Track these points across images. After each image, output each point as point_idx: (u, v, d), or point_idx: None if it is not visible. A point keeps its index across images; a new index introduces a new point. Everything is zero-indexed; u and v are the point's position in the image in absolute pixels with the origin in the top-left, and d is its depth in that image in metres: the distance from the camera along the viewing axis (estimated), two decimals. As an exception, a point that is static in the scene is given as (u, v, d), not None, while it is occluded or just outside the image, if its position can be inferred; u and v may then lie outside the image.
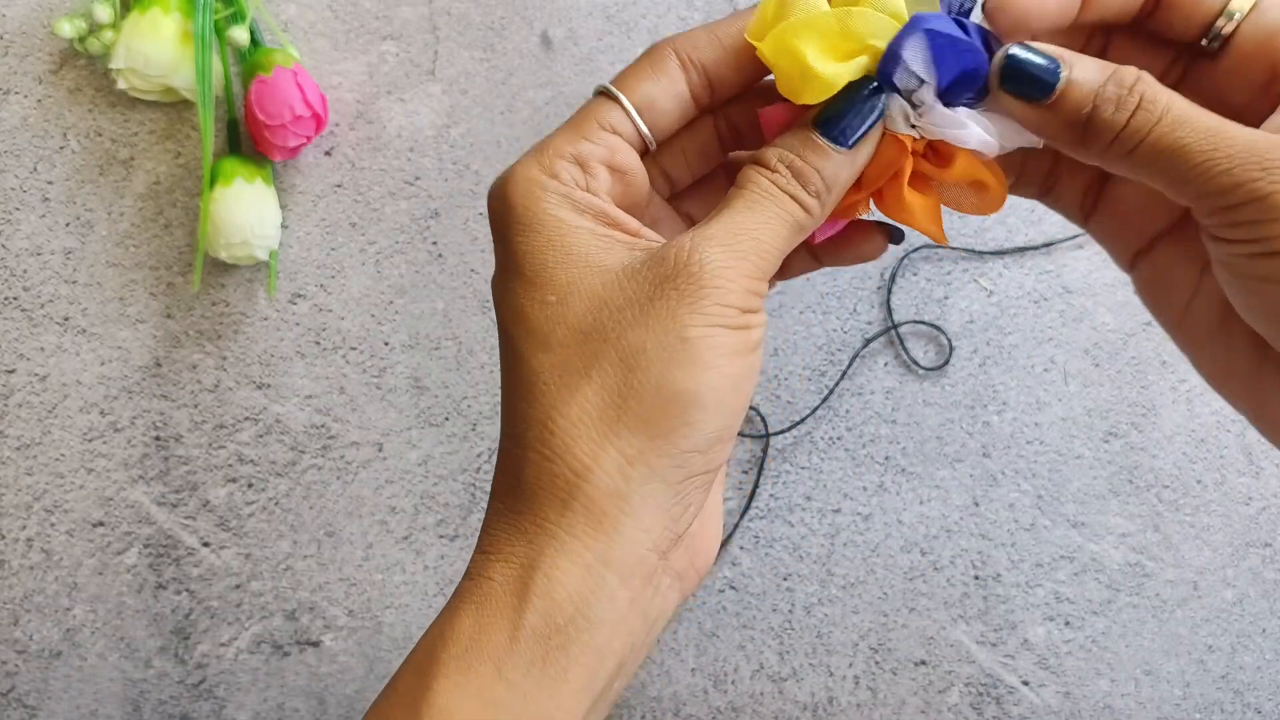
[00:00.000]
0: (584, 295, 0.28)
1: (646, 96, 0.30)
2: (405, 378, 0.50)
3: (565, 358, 0.27)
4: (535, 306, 0.28)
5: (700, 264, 0.27)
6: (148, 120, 0.50)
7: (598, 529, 0.27)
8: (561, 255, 0.28)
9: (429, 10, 0.50)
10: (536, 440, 0.27)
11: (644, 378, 0.27)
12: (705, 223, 0.28)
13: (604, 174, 0.29)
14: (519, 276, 0.28)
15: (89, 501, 0.50)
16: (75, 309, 0.50)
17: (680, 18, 0.50)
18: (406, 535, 0.50)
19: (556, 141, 0.29)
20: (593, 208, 0.29)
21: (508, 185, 0.29)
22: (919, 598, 0.49)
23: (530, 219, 0.28)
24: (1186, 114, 0.27)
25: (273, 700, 0.49)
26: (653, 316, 0.27)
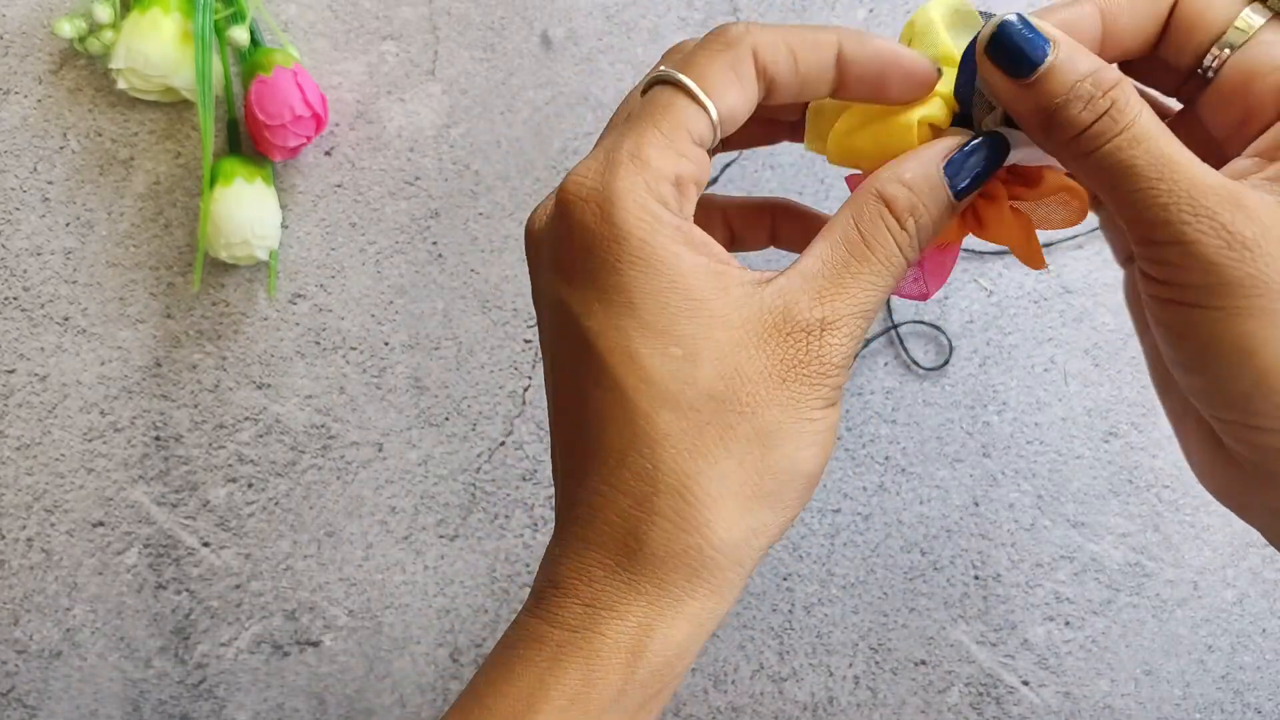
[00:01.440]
0: (714, 357, 0.27)
1: (730, 107, 0.28)
2: (405, 378, 0.50)
3: (697, 423, 0.27)
4: (658, 358, 0.26)
5: (832, 349, 0.27)
6: (148, 120, 0.50)
7: (718, 593, 0.27)
8: (683, 300, 0.27)
9: (429, 10, 0.50)
10: (669, 508, 0.26)
11: (779, 457, 0.27)
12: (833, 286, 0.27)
13: (695, 194, 0.28)
14: (634, 318, 0.27)
15: (89, 501, 0.50)
16: (75, 309, 0.50)
17: (680, 18, 0.50)
18: (406, 535, 0.50)
19: (653, 153, 0.27)
20: (704, 246, 0.27)
21: (613, 206, 0.27)
22: (919, 598, 0.49)
23: (647, 254, 0.27)
24: (1148, 133, 0.26)
25: (273, 700, 0.50)
26: (789, 396, 0.27)
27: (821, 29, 0.29)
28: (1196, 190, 0.25)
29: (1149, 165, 0.26)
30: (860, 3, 0.50)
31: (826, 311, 0.27)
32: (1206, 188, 0.25)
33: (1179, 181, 0.26)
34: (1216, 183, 0.25)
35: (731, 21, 0.29)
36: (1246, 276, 0.25)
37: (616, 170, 0.27)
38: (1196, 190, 0.25)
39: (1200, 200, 0.25)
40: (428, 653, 0.50)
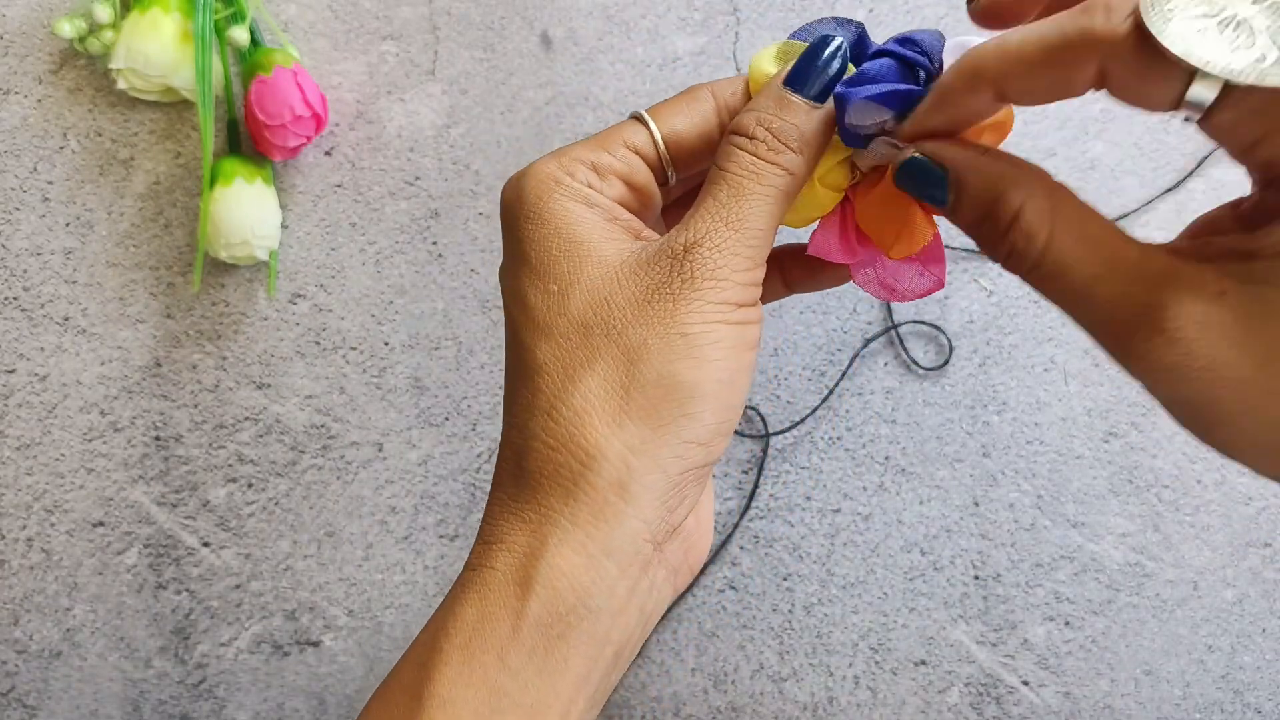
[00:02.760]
0: (585, 288, 0.28)
1: (674, 128, 0.31)
2: (405, 378, 0.50)
3: (568, 349, 0.28)
4: (538, 295, 0.29)
5: (696, 263, 0.28)
6: (148, 120, 0.50)
7: (600, 518, 0.27)
8: (565, 243, 0.29)
9: (429, 10, 0.50)
10: (540, 429, 0.28)
11: (646, 370, 0.28)
12: (696, 213, 0.29)
13: (618, 185, 0.30)
14: (524, 263, 0.29)
15: (89, 501, 0.50)
16: (75, 309, 0.50)
17: (680, 18, 0.50)
18: (406, 535, 0.50)
19: (578, 148, 0.30)
20: (600, 205, 0.30)
21: (522, 179, 0.30)
22: (919, 598, 0.49)
23: (540, 209, 0.29)
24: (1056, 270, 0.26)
25: (273, 700, 0.50)
26: (653, 314, 0.28)
27: None
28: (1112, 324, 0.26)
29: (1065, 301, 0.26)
30: (860, 3, 0.50)
31: (689, 234, 0.28)
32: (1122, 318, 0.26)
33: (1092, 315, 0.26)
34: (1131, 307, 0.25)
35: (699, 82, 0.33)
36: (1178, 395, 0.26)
37: (540, 160, 0.30)
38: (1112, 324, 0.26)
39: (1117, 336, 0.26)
40: (428, 653, 0.50)
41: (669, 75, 0.50)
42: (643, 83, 0.50)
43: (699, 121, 0.31)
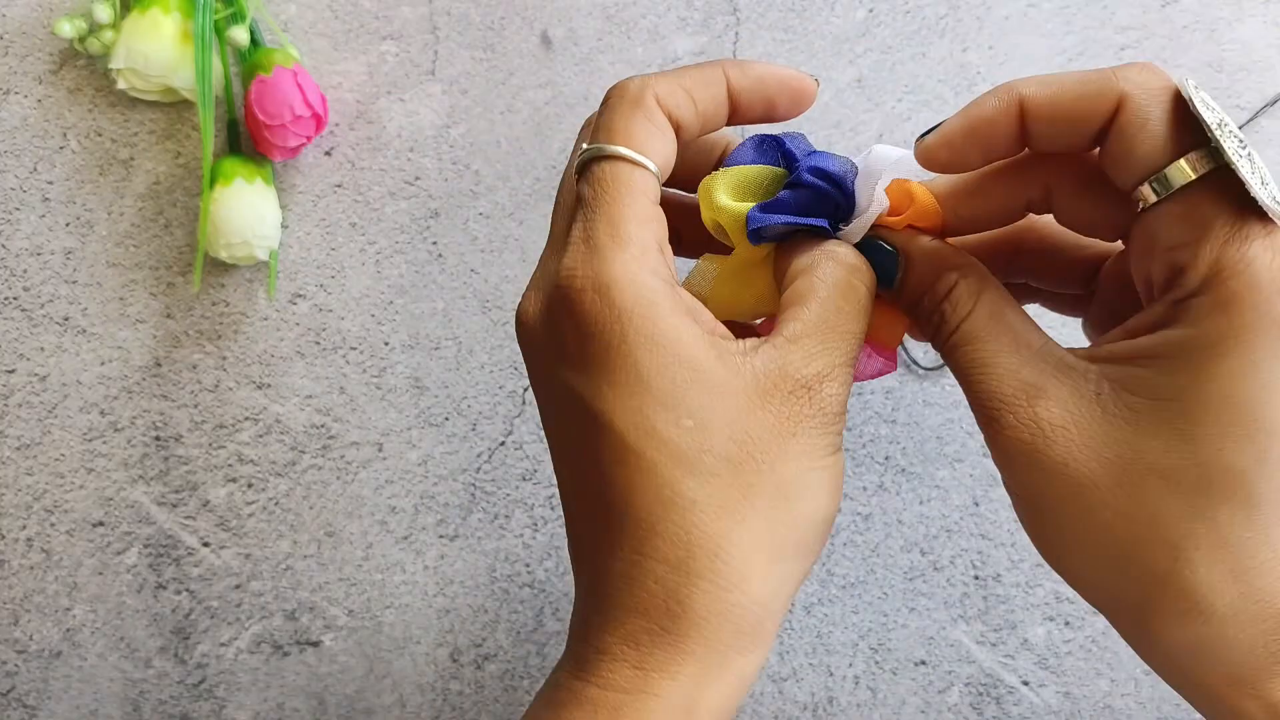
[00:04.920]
0: (724, 423, 0.28)
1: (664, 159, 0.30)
2: (405, 378, 0.50)
3: (720, 487, 0.27)
4: (674, 429, 0.27)
5: (828, 400, 0.28)
6: (148, 120, 0.50)
7: (761, 646, 0.28)
8: (689, 373, 0.28)
9: (429, 10, 0.50)
10: (707, 569, 0.27)
11: (801, 507, 0.28)
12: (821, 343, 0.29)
13: (670, 255, 0.30)
14: (647, 394, 0.27)
15: (89, 501, 0.50)
16: (75, 309, 0.50)
17: (680, 18, 0.50)
18: (406, 535, 0.50)
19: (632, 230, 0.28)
20: (695, 311, 0.29)
21: (615, 289, 0.28)
22: (919, 598, 0.49)
23: (650, 330, 0.28)
24: (967, 336, 0.29)
25: (273, 700, 0.50)
26: (800, 449, 0.28)
27: (708, 66, 0.31)
28: (992, 394, 0.28)
29: (965, 368, 0.29)
30: (860, 3, 0.50)
31: (820, 366, 0.28)
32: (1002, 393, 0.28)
33: (981, 384, 0.29)
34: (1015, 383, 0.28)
35: (626, 78, 0.31)
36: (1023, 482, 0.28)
37: (604, 254, 0.28)
38: (992, 394, 0.28)
39: (993, 405, 0.28)
40: (428, 653, 0.50)
41: (669, 75, 0.50)
42: (643, 83, 0.50)
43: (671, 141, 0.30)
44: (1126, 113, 0.27)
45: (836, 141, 0.50)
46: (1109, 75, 0.28)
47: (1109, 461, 0.27)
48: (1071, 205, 0.31)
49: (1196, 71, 0.50)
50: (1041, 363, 0.28)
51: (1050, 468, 0.27)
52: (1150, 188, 0.27)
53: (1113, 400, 0.27)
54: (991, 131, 0.29)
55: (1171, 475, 0.27)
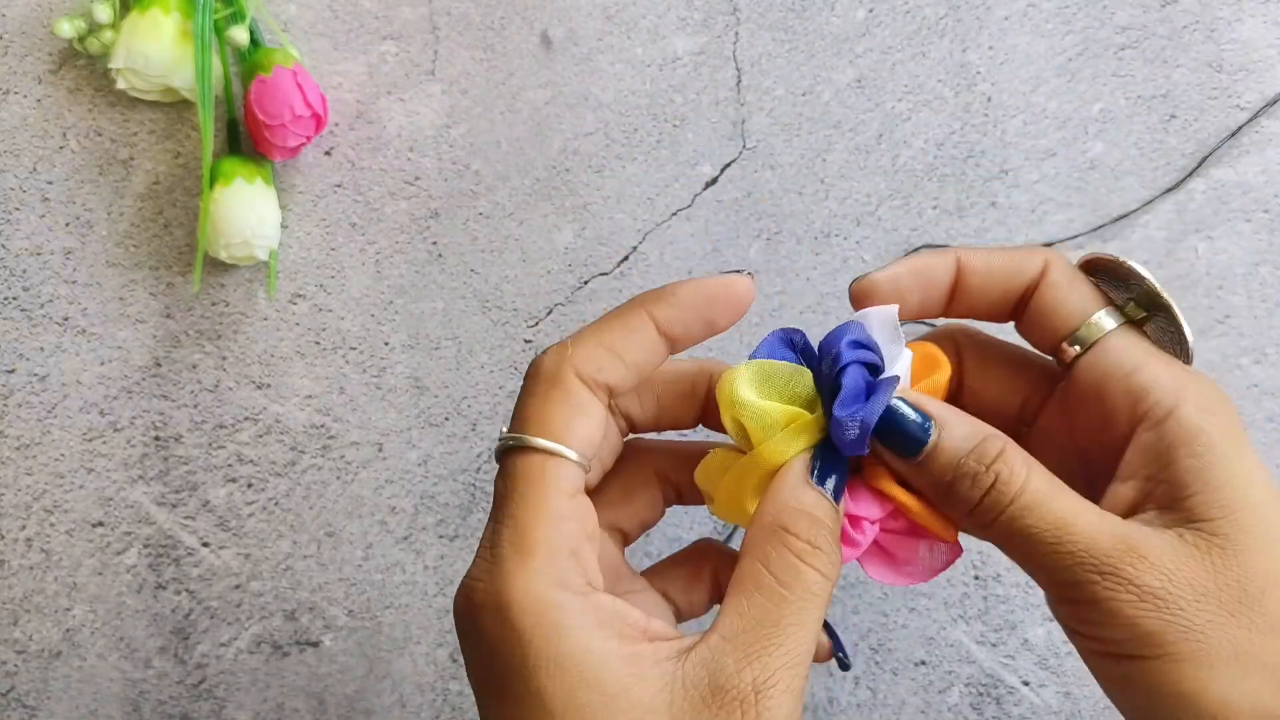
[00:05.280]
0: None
1: (587, 439, 0.28)
2: (405, 378, 0.50)
3: None
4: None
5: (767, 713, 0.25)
6: (147, 120, 0.50)
7: None
8: (600, 698, 0.25)
9: (429, 10, 0.50)
10: None
11: None
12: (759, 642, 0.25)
13: (590, 554, 0.27)
14: None
15: (89, 501, 0.50)
16: (75, 309, 0.50)
17: (680, 18, 0.50)
18: (406, 535, 0.50)
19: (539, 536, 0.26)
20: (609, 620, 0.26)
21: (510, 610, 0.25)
22: (919, 598, 0.49)
23: (552, 653, 0.25)
24: (1038, 499, 0.27)
25: (272, 700, 0.50)
26: None
27: (629, 310, 0.29)
28: (1096, 549, 0.26)
29: (1045, 531, 0.26)
30: (860, 3, 0.50)
31: (757, 672, 0.25)
32: (1105, 545, 0.26)
33: (1078, 542, 0.26)
34: (1113, 536, 0.26)
35: (542, 352, 0.29)
36: (1165, 626, 0.25)
37: (505, 567, 0.26)
38: (1096, 549, 0.26)
39: (1102, 559, 0.26)
40: (428, 653, 0.50)
41: (669, 75, 0.50)
42: (643, 83, 0.50)
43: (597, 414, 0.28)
44: (1052, 275, 0.30)
45: (837, 142, 0.50)
46: (1031, 249, 0.31)
47: (1233, 587, 0.26)
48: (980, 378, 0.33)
49: (1197, 71, 0.50)
50: (1113, 520, 0.27)
51: (1185, 609, 0.25)
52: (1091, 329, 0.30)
53: (1195, 536, 0.26)
54: (931, 278, 0.30)
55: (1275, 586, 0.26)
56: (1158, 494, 0.27)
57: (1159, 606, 0.26)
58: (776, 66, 0.50)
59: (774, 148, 0.50)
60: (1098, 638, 0.27)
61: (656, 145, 0.50)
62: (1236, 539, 0.26)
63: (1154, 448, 0.28)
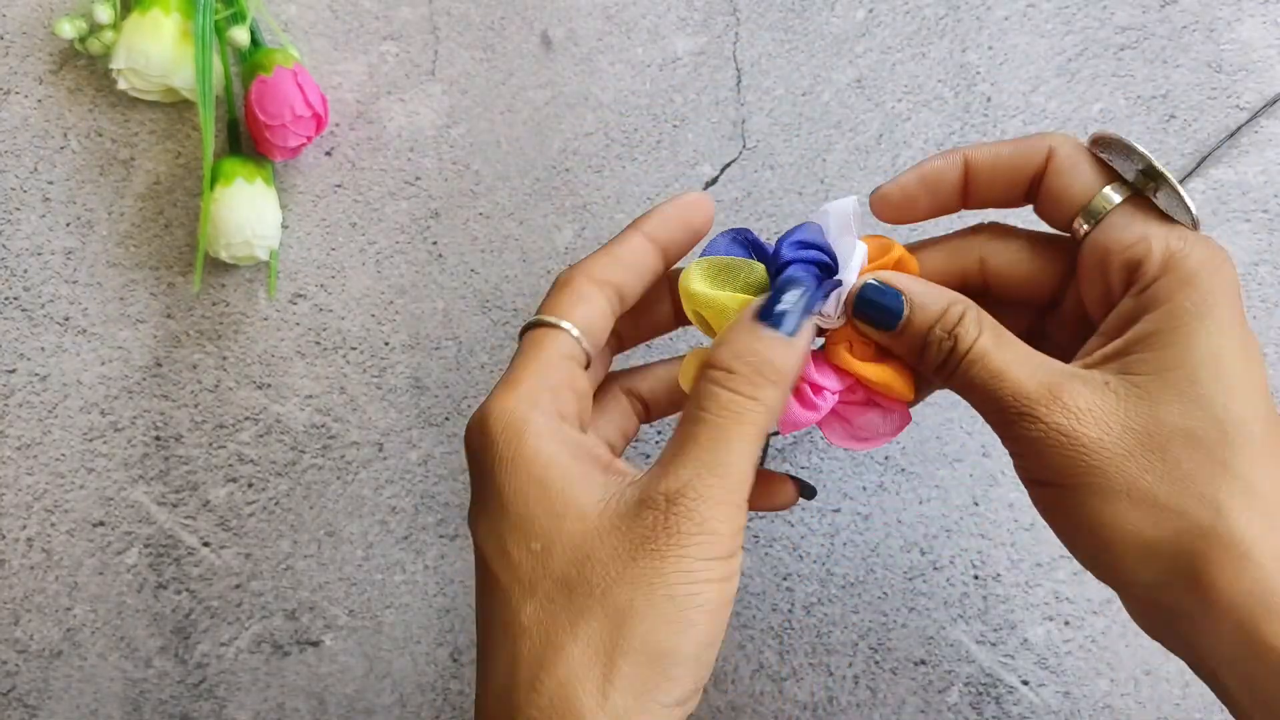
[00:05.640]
0: (566, 544, 0.28)
1: (585, 320, 0.32)
2: (405, 377, 0.50)
3: (551, 612, 0.27)
4: (522, 552, 0.28)
5: (681, 516, 0.27)
6: (148, 120, 0.50)
7: None
8: (542, 493, 0.28)
9: (429, 10, 0.50)
10: (524, 701, 0.27)
11: (632, 637, 0.27)
12: (675, 458, 0.28)
13: (571, 400, 0.31)
14: (503, 516, 0.29)
15: (89, 501, 0.50)
16: (76, 309, 0.50)
17: (680, 18, 0.50)
18: (407, 535, 0.50)
19: (525, 378, 0.30)
20: (571, 441, 0.30)
21: (487, 419, 0.30)
22: (918, 597, 0.49)
23: (513, 454, 0.29)
24: (981, 353, 0.31)
25: (273, 700, 0.50)
26: (639, 573, 0.27)
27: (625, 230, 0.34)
28: (1021, 393, 0.30)
29: (986, 379, 0.31)
30: (860, 3, 0.51)
31: (670, 482, 0.28)
32: (1029, 389, 0.30)
33: (1006, 387, 0.31)
34: (1039, 383, 0.30)
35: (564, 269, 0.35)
36: (1069, 461, 0.30)
37: (493, 396, 0.30)
38: (1021, 393, 0.30)
39: (1024, 401, 0.30)
40: (428, 652, 0.50)
41: (669, 75, 0.50)
42: (643, 83, 0.50)
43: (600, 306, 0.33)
44: (1058, 159, 0.33)
45: (836, 142, 0.50)
46: (1038, 136, 0.33)
47: (1138, 432, 0.29)
48: (1006, 267, 0.35)
49: (1196, 72, 0.50)
50: (1052, 369, 0.31)
51: (1089, 447, 0.29)
52: (1098, 206, 0.32)
53: (1122, 386, 0.30)
54: (940, 181, 0.34)
55: (1194, 435, 0.29)
56: (1111, 349, 0.31)
57: (1063, 442, 0.30)
58: (776, 67, 0.50)
59: (774, 148, 0.50)
60: (1025, 467, 0.32)
61: (656, 145, 0.50)
62: (1156, 394, 0.29)
63: (1128, 311, 0.31)
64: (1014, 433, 0.31)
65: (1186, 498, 0.29)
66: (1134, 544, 0.29)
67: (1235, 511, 0.28)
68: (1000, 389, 0.31)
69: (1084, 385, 0.30)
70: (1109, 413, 0.30)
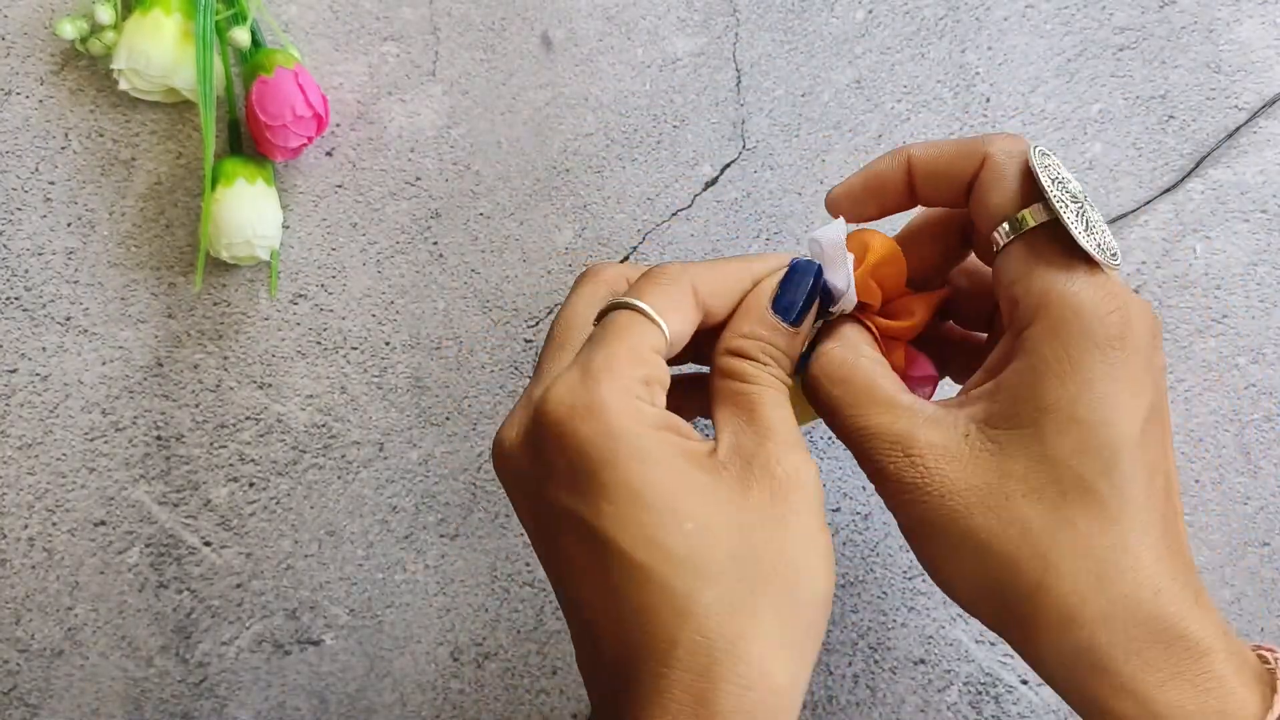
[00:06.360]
0: (721, 520, 0.29)
1: (677, 330, 0.33)
2: (406, 377, 0.50)
3: (729, 585, 0.28)
4: (676, 536, 0.29)
5: (796, 471, 0.30)
6: (149, 121, 0.50)
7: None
8: (681, 480, 0.29)
9: (429, 11, 0.50)
10: (729, 672, 0.28)
11: (804, 590, 0.29)
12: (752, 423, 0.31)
13: (660, 391, 0.32)
14: (645, 508, 0.29)
15: (91, 501, 0.50)
16: (77, 309, 0.50)
17: (680, 18, 0.50)
18: (408, 534, 0.50)
19: (623, 364, 0.31)
20: (675, 427, 0.31)
21: (606, 411, 0.29)
22: (918, 596, 0.50)
23: (641, 446, 0.29)
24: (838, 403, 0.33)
25: (274, 699, 0.50)
26: (793, 531, 0.29)
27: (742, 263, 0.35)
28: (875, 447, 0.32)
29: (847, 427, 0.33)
30: (859, 4, 0.51)
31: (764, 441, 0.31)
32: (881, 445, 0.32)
33: (865, 438, 0.32)
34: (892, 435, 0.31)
35: (670, 262, 0.35)
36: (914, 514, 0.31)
37: (598, 381, 0.30)
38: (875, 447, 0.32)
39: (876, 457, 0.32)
40: (429, 651, 0.50)
41: (669, 76, 0.50)
42: (643, 83, 0.50)
43: (691, 319, 0.33)
44: (987, 170, 0.32)
45: (836, 142, 0.50)
46: (979, 140, 0.33)
47: (979, 489, 0.30)
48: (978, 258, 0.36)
49: (1195, 72, 0.50)
50: (913, 414, 0.32)
51: (930, 501, 0.30)
52: (1000, 233, 0.32)
53: (979, 438, 0.31)
54: (884, 184, 0.34)
55: (1034, 492, 0.30)
56: (983, 391, 0.32)
57: (909, 500, 0.31)
58: (776, 67, 0.51)
59: (774, 148, 0.50)
60: (881, 494, 0.32)
61: (656, 145, 0.50)
62: (1007, 447, 0.30)
63: (1003, 353, 0.32)
64: (873, 483, 0.32)
65: (1020, 551, 0.29)
66: (967, 587, 0.31)
67: (1065, 570, 0.29)
68: (856, 439, 0.32)
69: (939, 437, 0.31)
70: (958, 468, 0.30)
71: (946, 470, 0.30)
